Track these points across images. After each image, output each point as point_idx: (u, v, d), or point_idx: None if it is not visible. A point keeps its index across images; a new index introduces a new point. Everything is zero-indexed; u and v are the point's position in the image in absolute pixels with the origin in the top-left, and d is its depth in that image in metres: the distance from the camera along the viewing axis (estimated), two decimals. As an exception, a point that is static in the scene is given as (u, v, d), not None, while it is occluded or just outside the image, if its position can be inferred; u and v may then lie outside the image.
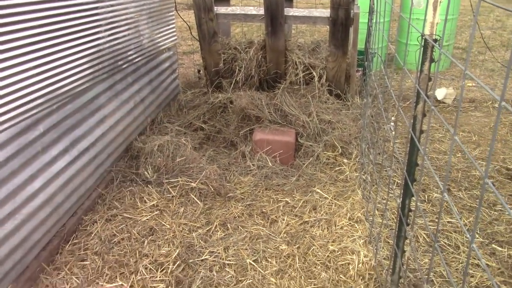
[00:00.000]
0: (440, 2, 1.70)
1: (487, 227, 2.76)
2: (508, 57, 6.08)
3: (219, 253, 2.49)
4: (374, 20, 3.56)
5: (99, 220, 2.76)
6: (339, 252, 2.47)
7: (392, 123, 4.04)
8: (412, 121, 1.85)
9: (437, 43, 1.68)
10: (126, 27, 3.46)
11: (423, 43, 1.75)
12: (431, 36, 1.71)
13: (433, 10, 1.71)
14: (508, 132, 3.98)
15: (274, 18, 3.92)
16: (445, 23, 1.47)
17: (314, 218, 2.77)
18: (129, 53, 3.52)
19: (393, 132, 3.99)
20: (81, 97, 2.81)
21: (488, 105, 4.60)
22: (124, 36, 3.42)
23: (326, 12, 3.99)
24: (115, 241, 2.59)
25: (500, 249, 2.56)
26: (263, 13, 3.97)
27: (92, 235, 2.64)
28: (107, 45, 3.13)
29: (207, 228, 2.71)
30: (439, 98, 4.63)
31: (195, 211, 2.85)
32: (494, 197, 3.03)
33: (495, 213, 2.88)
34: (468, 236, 1.09)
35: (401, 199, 2.02)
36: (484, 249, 2.57)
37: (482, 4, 10.52)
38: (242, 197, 2.99)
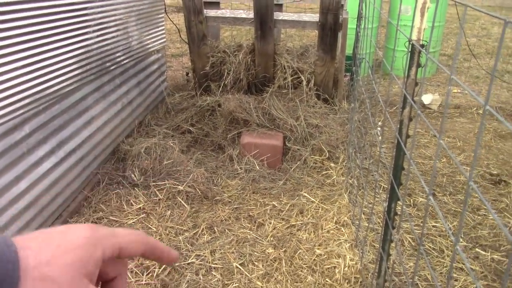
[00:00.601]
0: (427, 8, 1.73)
1: (471, 231, 2.80)
2: (492, 65, 6.17)
3: (205, 256, 2.49)
4: (362, 26, 3.59)
5: (84, 223, 2.73)
6: (325, 256, 2.49)
7: (379, 128, 4.08)
8: (398, 125, 1.88)
9: (424, 48, 1.70)
10: (115, 28, 3.44)
11: (410, 48, 1.78)
12: (418, 42, 1.74)
13: (421, 16, 1.74)
14: (491, 138, 4.05)
15: (264, 22, 3.94)
16: (432, 29, 1.49)
17: (301, 222, 2.78)
18: (118, 54, 3.50)
19: (380, 137, 4.03)
20: (68, 98, 2.79)
21: (472, 111, 4.67)
22: (113, 37, 3.41)
23: (315, 17, 4.02)
24: (100, 244, 2.57)
25: (483, 253, 2.60)
26: (252, 17, 3.98)
27: (78, 237, 2.61)
28: (96, 46, 3.12)
29: (194, 232, 2.70)
30: (425, 103, 4.69)
31: (182, 214, 2.84)
32: (478, 202, 3.08)
33: (479, 217, 2.92)
34: (452, 238, 1.12)
35: (387, 203, 2.04)
36: (468, 253, 2.61)
37: (468, 12, 10.67)
38: (229, 200, 2.99)
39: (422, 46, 1.73)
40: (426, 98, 4.73)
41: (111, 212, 2.85)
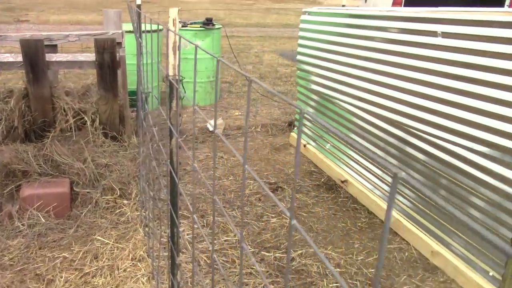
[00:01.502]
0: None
1: (257, 237, 3.13)
2: (264, 87, 7.03)
3: (-16, 333, 2.19)
4: (143, 62, 3.71)
5: None
6: (124, 295, 2.46)
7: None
8: (169, 154, 2.02)
9: (180, 82, 1.88)
10: None
11: (168, 83, 1.94)
12: (174, 77, 1.91)
13: (174, 54, 1.92)
14: (269, 152, 4.62)
15: (35, 65, 3.73)
16: (179, 62, 1.68)
17: (95, 267, 2.69)
18: None
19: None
20: None
21: (252, 130, 5.24)
22: None
23: (91, 56, 3.99)
24: None
25: (267, 254, 2.94)
26: (21, 60, 3.72)
27: None
28: None
29: (-32, 308, 2.36)
30: (211, 129, 5.07)
31: (-49, 291, 2.45)
32: (261, 210, 3.47)
33: (262, 223, 3.29)
34: (211, 248, 1.28)
35: (169, 229, 2.15)
36: (255, 257, 2.91)
37: (243, 42, 11.87)
38: (11, 263, 2.70)
39: (178, 80, 1.92)
40: (212, 124, 5.12)
41: None
